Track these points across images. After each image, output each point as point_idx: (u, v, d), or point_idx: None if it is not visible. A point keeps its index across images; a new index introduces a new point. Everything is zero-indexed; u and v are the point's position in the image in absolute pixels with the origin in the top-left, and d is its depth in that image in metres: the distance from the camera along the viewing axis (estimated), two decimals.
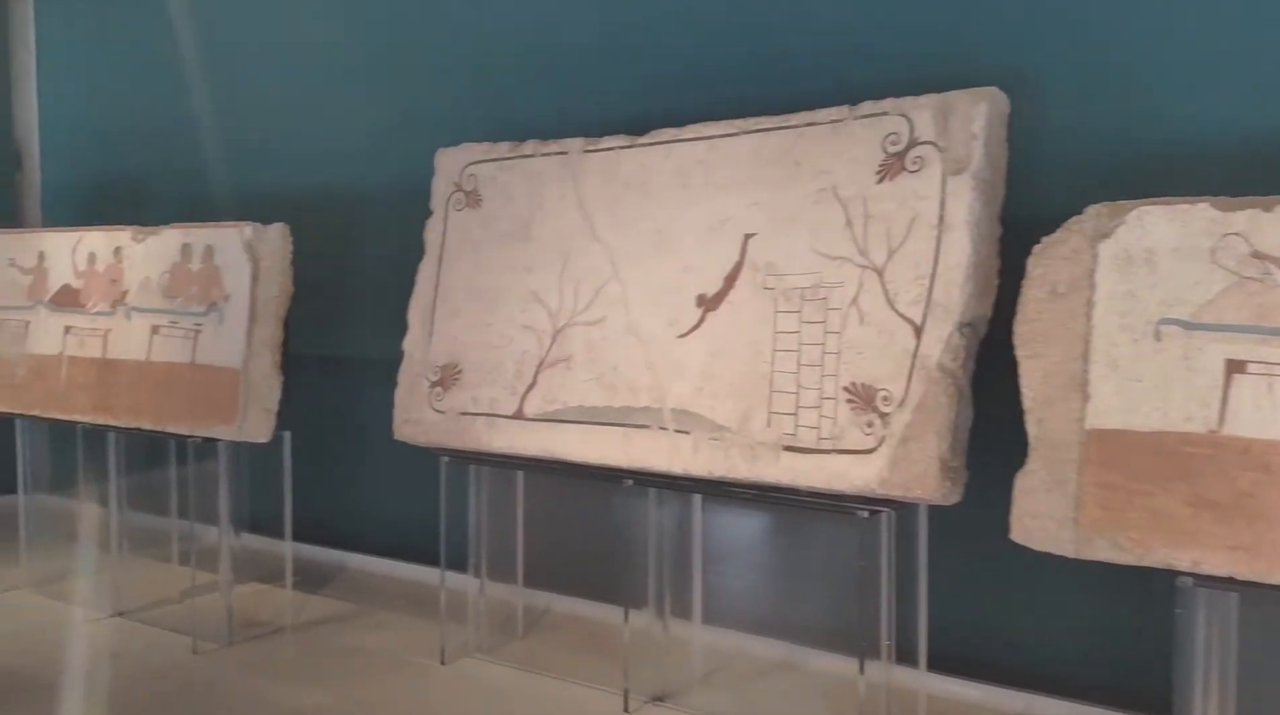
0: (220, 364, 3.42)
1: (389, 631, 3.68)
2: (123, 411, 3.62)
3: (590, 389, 3.05)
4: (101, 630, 3.71)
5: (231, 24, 4.79)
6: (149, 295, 3.61)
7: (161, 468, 3.94)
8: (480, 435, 3.26)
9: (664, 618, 3.17)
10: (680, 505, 3.22)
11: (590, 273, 3.10)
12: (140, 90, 5.27)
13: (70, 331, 3.79)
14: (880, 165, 2.62)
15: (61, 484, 4.34)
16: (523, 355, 3.21)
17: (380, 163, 4.26)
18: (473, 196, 3.39)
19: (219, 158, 4.86)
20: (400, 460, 3.81)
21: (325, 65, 4.46)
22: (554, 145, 3.23)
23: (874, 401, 2.54)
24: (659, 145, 3.01)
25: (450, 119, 3.96)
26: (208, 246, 3.49)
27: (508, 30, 3.96)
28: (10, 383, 3.95)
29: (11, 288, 4.00)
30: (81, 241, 3.82)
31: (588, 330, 3.09)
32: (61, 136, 5.72)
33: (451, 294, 3.39)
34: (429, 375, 3.40)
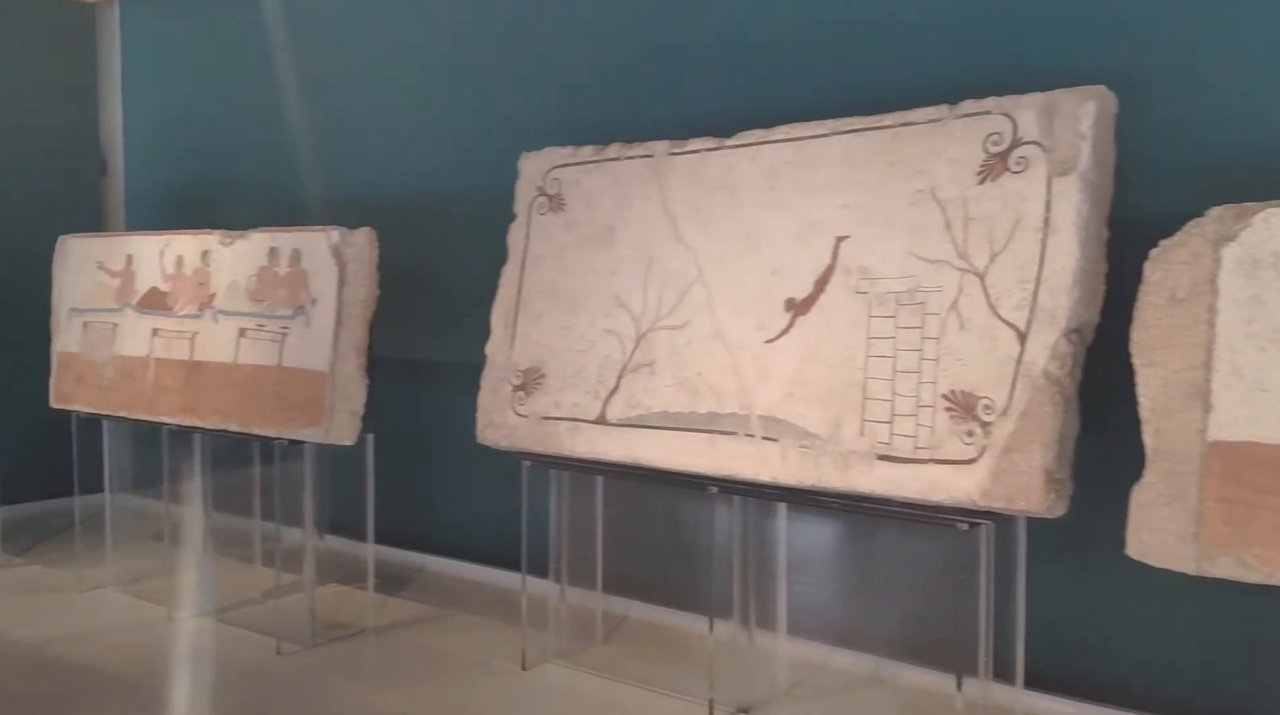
0: (307, 367, 3.44)
1: (470, 635, 3.68)
2: (209, 413, 3.66)
3: (674, 394, 3.01)
4: (187, 630, 3.76)
5: (317, 31, 4.84)
6: (236, 298, 3.65)
7: (246, 469, 3.98)
8: (562, 440, 3.24)
9: (749, 628, 3.11)
10: (765, 513, 3.16)
11: (675, 276, 3.06)
12: (222, 97, 5.36)
13: (158, 334, 3.85)
14: (981, 166, 2.54)
15: (147, 484, 4.41)
16: (605, 359, 3.18)
17: (464, 167, 4.27)
18: (556, 200, 3.37)
19: (303, 163, 4.91)
20: (480, 464, 3.80)
21: (411, 70, 4.49)
22: (639, 148, 3.19)
23: (975, 410, 2.46)
24: (746, 147, 2.96)
25: (534, 123, 3.96)
26: (295, 250, 3.51)
27: (593, 33, 3.94)
28: (98, 384, 4.03)
29: (99, 290, 4.07)
30: (169, 245, 3.87)
31: (672, 334, 3.05)
32: (145, 143, 5.84)
33: (534, 298, 3.38)
34: (511, 379, 3.38)
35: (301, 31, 4.92)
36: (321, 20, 4.81)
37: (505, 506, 3.97)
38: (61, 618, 3.88)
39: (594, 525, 3.57)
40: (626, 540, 3.68)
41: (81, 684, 3.27)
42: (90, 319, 4.09)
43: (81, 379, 4.08)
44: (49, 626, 3.77)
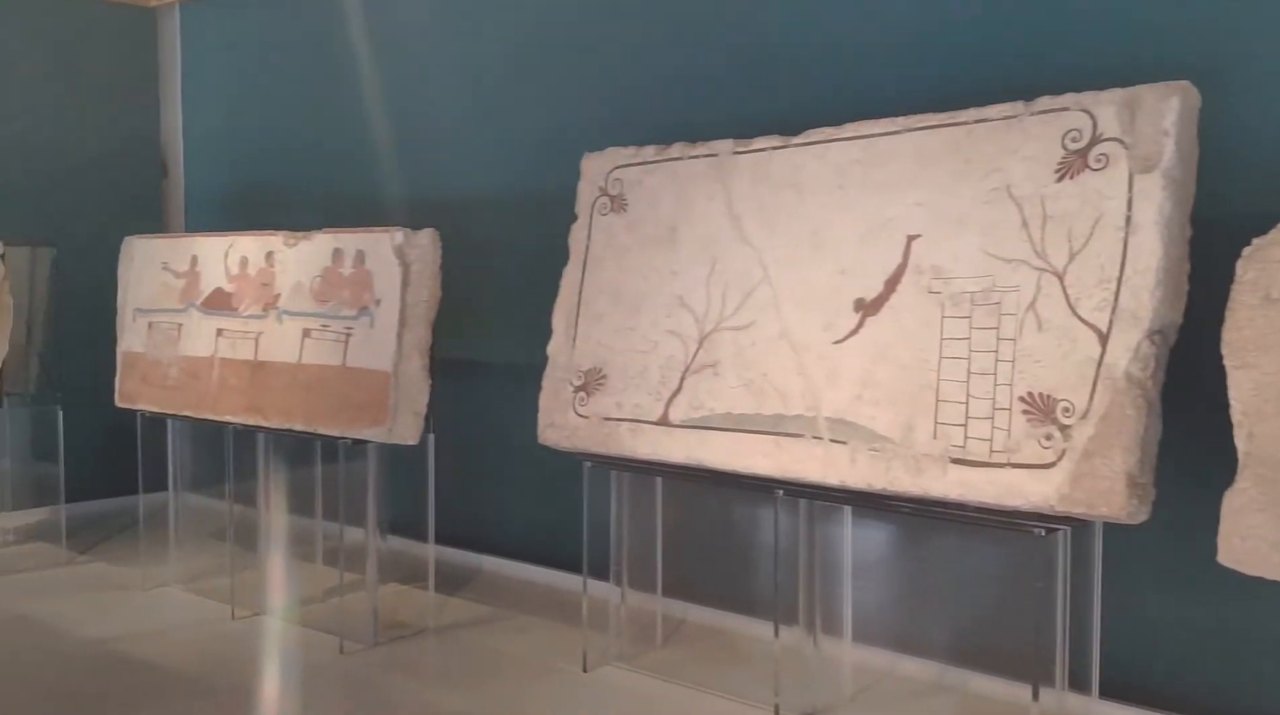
0: (371, 367, 3.45)
1: (529, 636, 3.67)
2: (274, 413, 3.69)
3: (738, 395, 2.98)
4: (249, 628, 3.79)
5: (379, 33, 4.87)
6: (300, 299, 3.67)
7: (309, 469, 4.01)
8: (624, 441, 3.22)
9: (814, 633, 3.07)
10: (830, 517, 3.12)
11: (739, 276, 3.02)
12: (281, 100, 5.42)
13: (223, 334, 3.89)
14: (1060, 163, 2.48)
15: (209, 483, 4.46)
16: (668, 360, 3.16)
17: (524, 167, 4.28)
18: (618, 201, 3.35)
19: (363, 164, 4.94)
20: (540, 464, 3.80)
21: (473, 71, 4.49)
22: (702, 147, 3.16)
23: (1054, 413, 2.40)
24: (814, 145, 2.92)
25: (596, 123, 3.95)
26: (359, 251, 3.53)
27: (654, 33, 3.92)
28: (163, 384, 4.08)
29: (164, 291, 4.12)
30: (234, 246, 3.91)
31: (736, 335, 3.01)
32: (205, 145, 5.92)
33: (595, 298, 3.36)
34: (572, 380, 3.37)
35: (363, 34, 4.95)
36: (384, 22, 4.84)
37: (564, 507, 3.96)
38: (126, 615, 3.94)
39: (654, 527, 3.55)
40: (686, 542, 3.65)
41: (147, 682, 3.31)
42: (155, 319, 4.14)
43: (146, 379, 4.13)
44: (114, 624, 3.83)
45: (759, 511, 3.54)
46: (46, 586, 4.30)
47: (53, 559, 4.67)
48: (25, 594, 4.17)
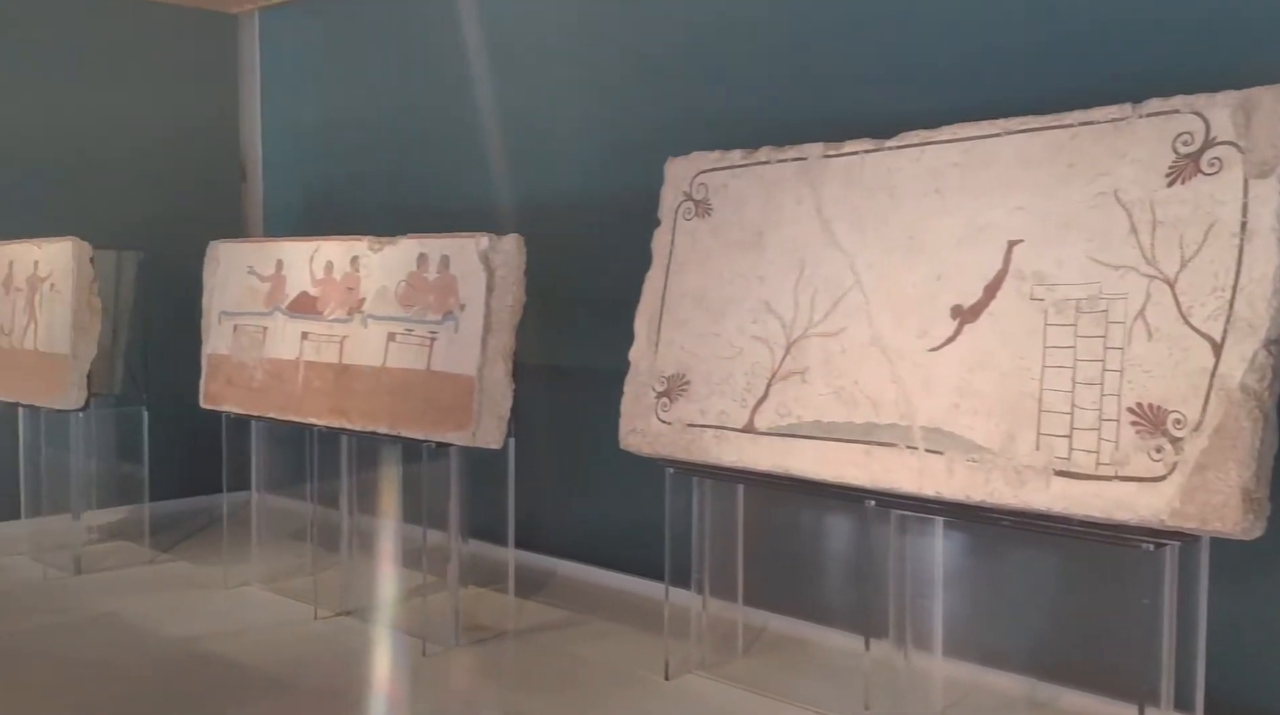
0: (455, 371, 3.47)
1: (609, 642, 3.66)
2: (358, 416, 3.72)
3: (828, 403, 2.93)
4: (332, 628, 3.83)
5: (460, 37, 4.90)
6: (385, 303, 3.70)
7: (391, 471, 4.04)
8: (708, 448, 3.19)
9: (904, 646, 3.01)
10: (921, 527, 3.06)
11: (829, 282, 2.98)
12: (358, 105, 5.47)
13: (307, 337, 3.93)
14: (1170, 167, 2.40)
15: (290, 484, 4.52)
16: (753, 366, 3.12)
17: (606, 172, 4.27)
18: (703, 205, 3.32)
19: (442, 170, 4.98)
20: (618, 469, 3.79)
21: (553, 76, 4.50)
22: (791, 151, 3.12)
23: (1164, 424, 2.33)
24: (908, 148, 2.87)
25: (678, 127, 3.93)
26: (444, 256, 3.54)
27: (738, 36, 3.90)
28: (248, 386, 4.14)
29: (250, 294, 4.18)
30: (319, 250, 3.95)
31: (825, 342, 2.97)
32: (283, 150, 6.01)
33: (679, 304, 3.34)
34: (655, 385, 3.35)
35: (442, 39, 4.99)
36: (464, 26, 4.87)
37: (642, 513, 3.94)
38: (210, 614, 4.00)
39: (735, 534, 3.51)
40: (767, 550, 3.62)
41: (232, 681, 3.35)
42: (241, 322, 4.20)
43: (232, 381, 4.19)
44: (199, 623, 3.88)
45: (845, 521, 3.49)
46: (132, 584, 4.38)
47: (136, 557, 4.76)
48: (112, 592, 4.26)
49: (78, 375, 4.32)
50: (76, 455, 4.51)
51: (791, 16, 3.77)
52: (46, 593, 4.26)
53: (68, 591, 4.28)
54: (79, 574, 4.48)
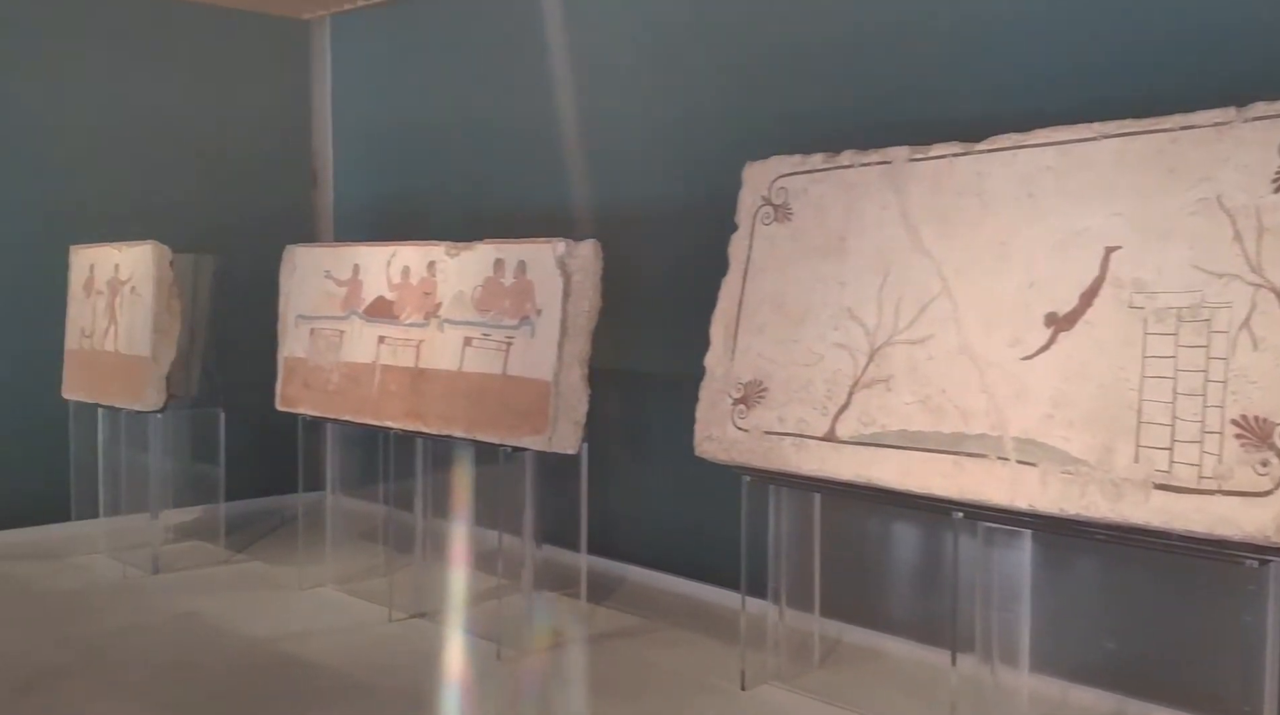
0: (531, 376, 3.47)
1: (682, 650, 3.64)
2: (434, 419, 3.74)
3: (914, 412, 2.88)
4: (406, 631, 3.85)
5: (530, 42, 4.91)
6: (462, 308, 3.72)
7: (466, 475, 4.06)
8: (787, 456, 3.15)
9: (991, 661, 2.95)
10: (1009, 540, 2.99)
11: (915, 288, 2.93)
12: (427, 110, 5.51)
13: (384, 341, 3.96)
14: (1277, 172, 2.32)
15: (363, 486, 4.55)
16: (834, 374, 3.08)
17: (681, 177, 4.25)
18: (782, 210, 3.28)
19: (511, 174, 4.99)
20: (691, 476, 3.77)
21: (626, 80, 4.49)
22: (875, 154, 3.07)
23: (1270, 437, 2.25)
24: (999, 152, 2.81)
25: (755, 132, 3.90)
26: (521, 261, 3.55)
27: (816, 38, 3.86)
28: (324, 389, 4.17)
29: (327, 299, 4.22)
30: (396, 255, 3.98)
31: (911, 349, 2.92)
32: (354, 155, 6.07)
33: (757, 309, 3.30)
34: (731, 392, 3.32)
35: (512, 43, 5.01)
36: (534, 30, 4.88)
37: (713, 520, 3.92)
38: (286, 615, 4.04)
39: (811, 544, 3.47)
40: (845, 561, 3.57)
41: (310, 682, 3.38)
42: (317, 326, 4.24)
43: (308, 383, 4.24)
44: (275, 623, 3.93)
45: (928, 532, 3.44)
46: (209, 584, 4.45)
47: (212, 557, 4.83)
48: (189, 591, 4.33)
49: (157, 377, 4.39)
50: (155, 456, 4.59)
51: (873, 17, 3.72)
52: (126, 592, 4.34)
53: (146, 591, 4.35)
54: (157, 573, 4.55)
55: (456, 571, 4.13)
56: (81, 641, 3.74)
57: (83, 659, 3.57)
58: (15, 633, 3.83)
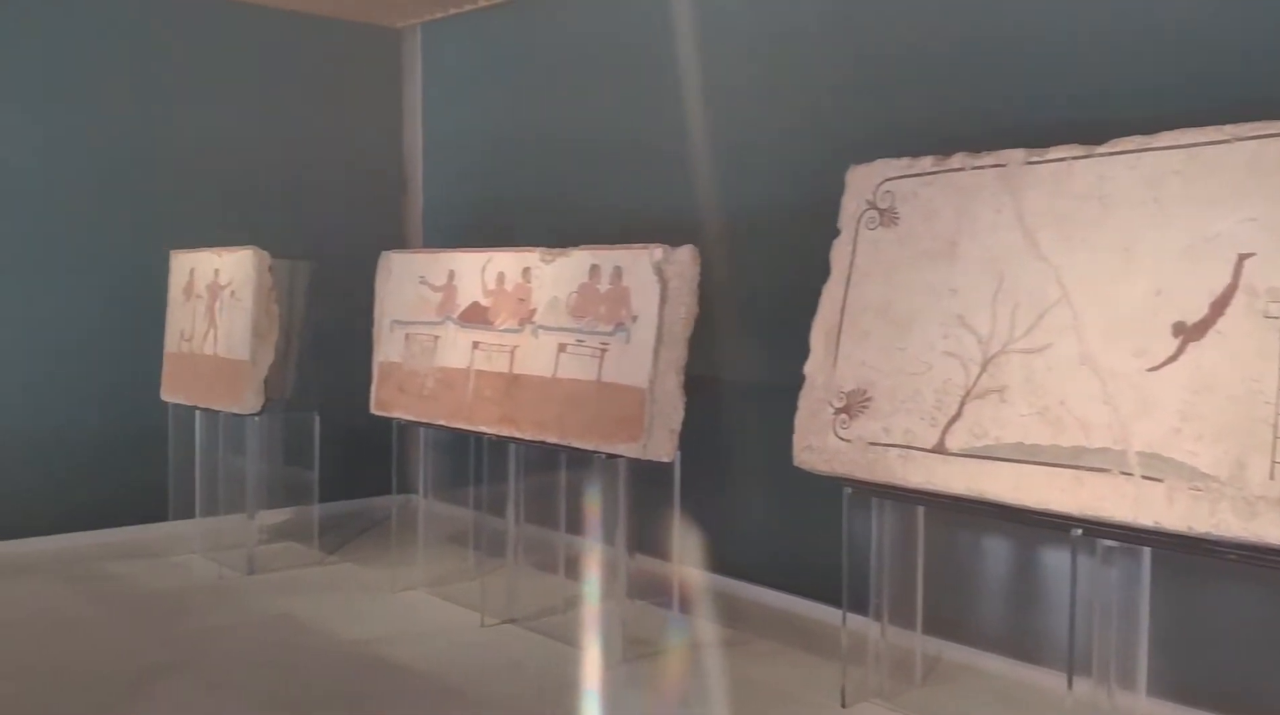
0: (626, 383, 3.43)
1: (777, 664, 3.56)
2: (528, 425, 3.72)
3: (1030, 424, 2.77)
4: (498, 636, 3.84)
5: (621, 45, 4.90)
6: (556, 314, 3.70)
7: (558, 481, 4.04)
8: (893, 468, 3.06)
9: (1108, 684, 2.82)
10: (1130, 560, 2.87)
11: (1032, 295, 2.82)
12: (517, 116, 5.52)
13: (478, 347, 3.97)
14: None
15: (454, 490, 4.57)
16: (944, 383, 2.98)
17: (779, 180, 4.18)
18: (888, 214, 3.20)
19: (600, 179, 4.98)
20: (785, 487, 3.70)
21: (723, 82, 4.44)
22: (988, 157, 2.98)
23: None
24: (1122, 155, 2.69)
25: (857, 134, 3.83)
26: (616, 267, 3.52)
27: (920, 36, 3.77)
28: (419, 393, 4.19)
29: (422, 304, 4.24)
30: (491, 261, 3.98)
31: (1027, 358, 2.81)
32: (444, 161, 6.11)
33: (860, 316, 3.22)
34: (833, 401, 3.24)
35: (604, 47, 4.99)
36: (624, 33, 4.86)
37: (809, 532, 3.84)
38: (379, 617, 4.06)
39: (915, 559, 3.37)
40: (948, 576, 3.47)
41: (404, 685, 3.39)
42: (412, 331, 4.27)
43: (403, 388, 4.26)
44: (369, 626, 3.95)
45: (1041, 549, 3.32)
46: (302, 585, 4.50)
47: (305, 558, 4.89)
48: (284, 592, 4.38)
49: (256, 381, 4.46)
50: (251, 458, 4.66)
51: (985, 17, 3.62)
52: (223, 592, 4.41)
53: (243, 591, 4.41)
54: (252, 574, 4.62)
55: (547, 578, 4.11)
56: (183, 640, 3.81)
57: (185, 657, 3.62)
58: (121, 631, 3.91)
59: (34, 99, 4.96)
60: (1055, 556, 3.33)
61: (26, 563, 4.72)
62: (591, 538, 3.72)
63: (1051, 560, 3.37)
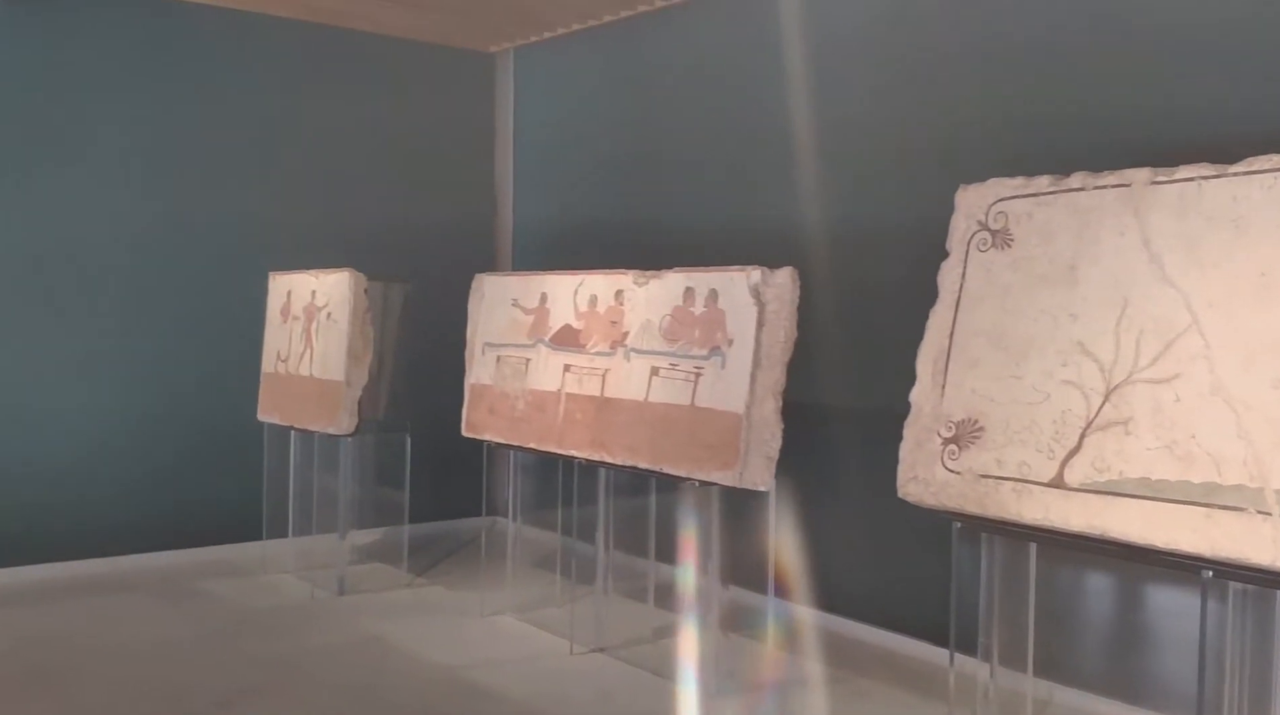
0: (721, 408, 3.35)
1: (877, 703, 3.43)
2: (619, 450, 3.66)
3: (1158, 459, 2.60)
4: (588, 665, 3.77)
5: (714, 64, 4.84)
6: (649, 337, 3.64)
7: (649, 507, 3.97)
8: (1006, 502, 2.91)
9: None
10: (1265, 605, 2.68)
11: (1159, 322, 2.66)
12: (607, 139, 5.50)
13: (570, 370, 3.92)
14: None
15: (543, 513, 4.52)
16: (1063, 414, 2.82)
17: (882, 200, 4.07)
18: (1001, 236, 3.06)
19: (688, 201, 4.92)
20: (887, 519, 3.55)
21: (821, 101, 4.34)
22: (1110, 177, 2.82)
23: None
24: (1259, 174, 2.52)
25: (965, 152, 3.70)
26: (712, 290, 3.44)
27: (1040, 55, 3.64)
28: (510, 416, 4.16)
29: (513, 326, 4.22)
30: (584, 284, 3.94)
31: (1155, 389, 2.64)
32: (534, 184, 6.12)
33: (971, 342, 3.08)
34: (941, 430, 3.10)
35: (696, 67, 4.94)
36: (717, 52, 4.80)
37: (909, 567, 3.70)
38: (469, 643, 4.03)
39: (1026, 598, 3.20)
40: (1062, 616, 3.29)
41: (495, 713, 3.32)
42: (504, 353, 4.24)
43: (494, 410, 4.24)
44: (459, 651, 3.92)
45: (1166, 591, 3.13)
46: (393, 608, 4.49)
47: (395, 580, 4.89)
48: (375, 614, 4.37)
49: (350, 402, 4.48)
50: (345, 478, 4.68)
51: (1102, 27, 3.47)
52: (315, 612, 4.42)
53: (334, 612, 4.42)
54: (342, 595, 4.63)
55: (638, 606, 4.03)
56: (275, 661, 3.82)
57: (277, 678, 3.63)
58: (214, 650, 3.94)
59: (140, 123, 5.09)
60: (1178, 598, 3.14)
61: (126, 580, 4.81)
62: (683, 566, 3.63)
63: (1174, 602, 3.18)
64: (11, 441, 4.78)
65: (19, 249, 4.81)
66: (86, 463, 4.94)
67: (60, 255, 4.90)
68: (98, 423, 4.97)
